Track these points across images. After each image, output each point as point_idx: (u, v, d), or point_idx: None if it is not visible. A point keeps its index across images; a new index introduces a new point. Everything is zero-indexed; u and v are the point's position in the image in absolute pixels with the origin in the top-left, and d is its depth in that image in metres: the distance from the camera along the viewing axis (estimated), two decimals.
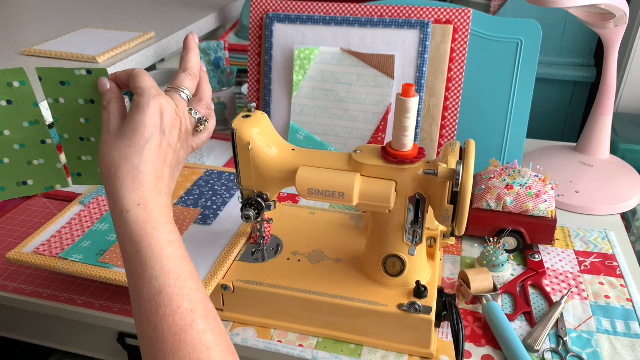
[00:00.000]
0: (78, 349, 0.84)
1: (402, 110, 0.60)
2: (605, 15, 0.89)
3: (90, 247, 0.75)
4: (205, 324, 0.46)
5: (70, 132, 0.60)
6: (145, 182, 0.49)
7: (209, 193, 0.88)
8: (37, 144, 0.60)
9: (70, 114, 0.59)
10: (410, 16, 0.97)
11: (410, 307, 0.64)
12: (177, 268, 0.47)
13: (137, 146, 0.50)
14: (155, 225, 0.48)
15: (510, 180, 0.82)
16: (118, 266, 0.72)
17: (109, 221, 0.81)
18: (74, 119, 0.59)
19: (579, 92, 1.61)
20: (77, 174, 0.62)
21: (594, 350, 0.67)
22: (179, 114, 0.54)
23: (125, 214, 0.48)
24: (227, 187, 0.90)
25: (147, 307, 0.46)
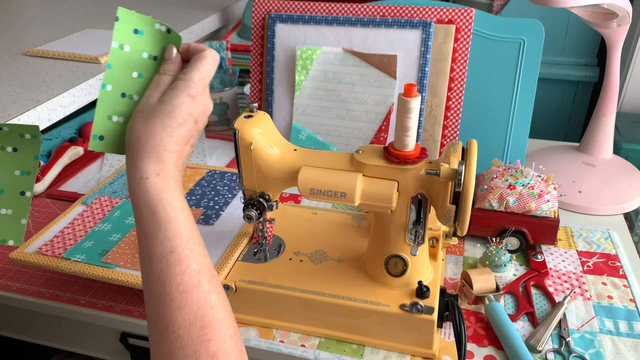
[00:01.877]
0: (80, 349, 0.84)
1: (404, 110, 0.60)
2: (608, 14, 0.89)
3: (92, 247, 0.76)
4: (210, 286, 0.49)
5: (115, 84, 0.56)
6: (169, 159, 0.52)
7: (211, 193, 0.89)
8: (16, 193, 0.59)
9: (127, 65, 0.56)
10: (413, 16, 0.97)
11: (413, 307, 0.64)
12: (188, 232, 0.50)
13: (169, 128, 0.52)
14: (171, 192, 0.51)
15: (513, 180, 0.82)
16: (120, 266, 0.72)
17: (111, 221, 0.82)
18: (128, 71, 0.56)
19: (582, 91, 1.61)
20: (99, 136, 0.56)
21: (597, 351, 0.67)
22: (210, 104, 0.56)
23: (144, 180, 0.51)
24: (229, 187, 0.90)
25: (157, 266, 0.49)
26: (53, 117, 0.98)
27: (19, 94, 1.00)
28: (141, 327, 0.74)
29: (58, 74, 1.09)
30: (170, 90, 0.54)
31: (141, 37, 0.56)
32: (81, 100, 1.04)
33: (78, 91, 1.03)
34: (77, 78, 1.07)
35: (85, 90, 1.05)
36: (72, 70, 1.11)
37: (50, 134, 1.14)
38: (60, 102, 0.99)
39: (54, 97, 0.98)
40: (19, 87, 1.03)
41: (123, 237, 0.78)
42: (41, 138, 0.59)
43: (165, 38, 0.57)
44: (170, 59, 0.57)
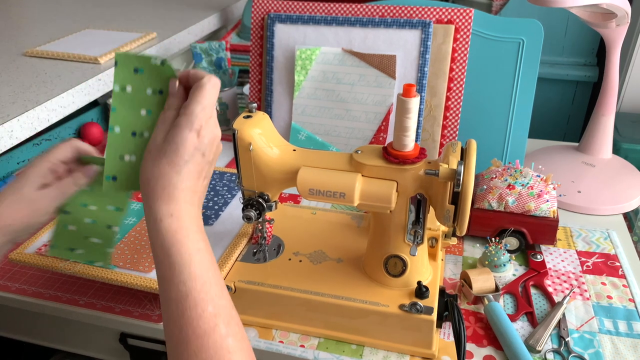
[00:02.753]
0: (80, 350, 0.84)
1: (403, 111, 0.60)
2: (607, 14, 0.89)
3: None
4: (227, 329, 0.49)
5: (123, 125, 0.57)
6: (181, 197, 0.52)
7: (211, 193, 0.89)
8: (104, 226, 0.61)
9: (133, 105, 0.57)
10: (412, 16, 0.97)
11: (412, 307, 0.64)
12: (203, 274, 0.50)
13: (176, 166, 0.51)
14: (186, 233, 0.51)
15: (512, 180, 0.82)
16: (120, 267, 0.72)
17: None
18: (135, 110, 0.57)
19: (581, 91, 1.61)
20: (112, 177, 0.58)
21: (596, 351, 0.67)
22: (217, 132, 0.55)
23: (158, 223, 0.50)
24: (228, 187, 0.90)
25: (174, 310, 0.48)
26: (52, 118, 0.98)
27: (18, 95, 0.99)
28: (140, 327, 0.74)
29: (57, 75, 1.09)
30: (173, 127, 0.52)
31: (142, 75, 0.56)
32: (80, 100, 1.04)
33: (77, 92, 1.03)
34: (77, 78, 1.07)
35: (84, 91, 1.05)
36: (71, 70, 1.11)
37: (50, 135, 1.14)
38: (60, 102, 0.99)
39: (53, 98, 0.98)
40: (18, 88, 1.03)
41: (122, 237, 0.78)
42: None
43: (163, 70, 0.56)
44: (173, 93, 0.56)
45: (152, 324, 0.73)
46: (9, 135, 0.90)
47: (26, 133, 0.93)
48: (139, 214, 0.84)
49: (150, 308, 0.75)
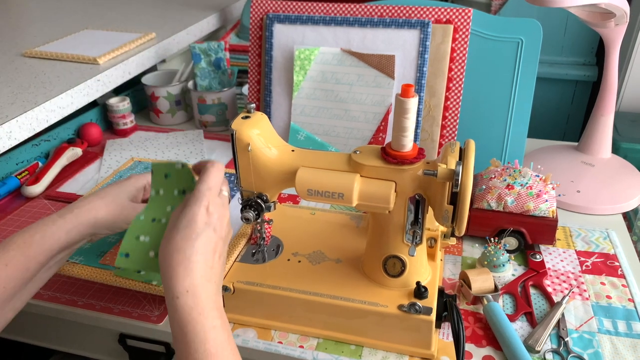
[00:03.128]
0: (79, 350, 0.84)
1: (402, 111, 0.59)
2: (606, 14, 0.89)
3: (90, 248, 0.75)
4: None
5: (149, 215, 0.66)
6: (196, 270, 0.54)
7: None
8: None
9: (162, 203, 0.66)
10: (411, 16, 0.97)
11: (411, 307, 0.64)
12: (219, 352, 0.52)
13: (189, 239, 0.55)
14: (201, 310, 0.53)
15: (511, 180, 0.82)
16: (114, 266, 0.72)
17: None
18: (163, 206, 0.66)
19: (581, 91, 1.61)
20: (125, 254, 0.64)
21: (596, 351, 0.67)
22: (225, 211, 0.60)
23: (175, 300, 0.53)
24: None
25: None
26: (51, 118, 0.98)
27: (17, 95, 0.99)
28: (139, 328, 0.73)
29: (56, 75, 1.09)
30: (184, 206, 0.58)
31: (171, 179, 0.66)
32: (79, 101, 1.04)
33: (76, 92, 1.03)
34: (76, 79, 1.07)
35: (83, 92, 1.05)
36: (70, 71, 1.11)
37: (49, 135, 1.14)
38: (59, 103, 0.99)
39: (52, 98, 0.98)
40: (17, 88, 1.03)
41: (120, 238, 0.78)
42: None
43: (184, 172, 0.65)
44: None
45: (151, 325, 0.73)
46: (7, 136, 0.90)
47: (25, 134, 0.93)
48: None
49: (149, 309, 0.75)
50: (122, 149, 1.15)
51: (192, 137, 1.20)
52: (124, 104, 1.22)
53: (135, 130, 1.26)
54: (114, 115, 1.23)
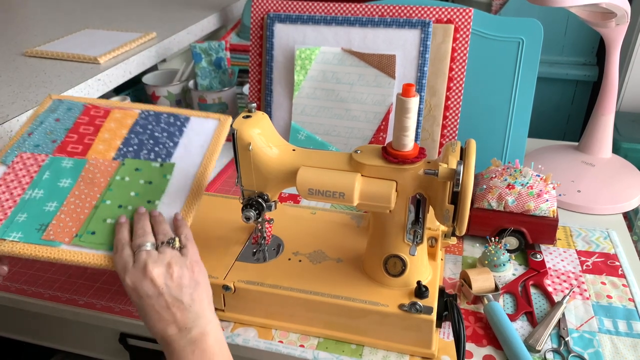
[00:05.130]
0: (80, 350, 0.85)
1: (402, 110, 0.60)
2: (606, 14, 0.89)
3: (27, 220, 0.67)
4: None
5: (113, 200, 0.68)
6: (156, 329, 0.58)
7: (150, 142, 0.76)
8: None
9: (126, 189, 0.69)
10: (411, 16, 0.97)
11: (411, 307, 0.64)
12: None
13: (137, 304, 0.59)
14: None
15: (512, 179, 0.82)
16: (66, 243, 0.65)
17: (42, 186, 0.71)
18: (126, 192, 0.69)
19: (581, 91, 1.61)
20: (91, 232, 0.66)
21: (596, 351, 0.67)
22: (171, 269, 0.59)
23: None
24: (168, 132, 0.78)
25: None
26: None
27: (17, 95, 1.00)
28: (140, 327, 0.74)
29: (57, 75, 1.09)
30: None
31: (141, 172, 0.70)
32: None
33: (77, 91, 1.03)
34: (76, 78, 1.07)
35: (84, 91, 1.05)
36: (70, 70, 1.11)
37: None
38: None
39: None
40: (17, 88, 1.03)
41: (61, 205, 0.69)
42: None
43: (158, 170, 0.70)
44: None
45: None
46: (8, 135, 0.90)
47: None
48: (73, 174, 0.72)
49: None
50: None
51: None
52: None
53: None
54: None
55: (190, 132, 0.78)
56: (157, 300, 0.57)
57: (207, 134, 0.79)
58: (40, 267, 0.82)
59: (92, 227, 0.66)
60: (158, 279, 0.57)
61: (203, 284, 0.60)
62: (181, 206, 0.69)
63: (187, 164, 0.74)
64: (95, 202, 0.69)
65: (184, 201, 0.70)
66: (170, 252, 0.60)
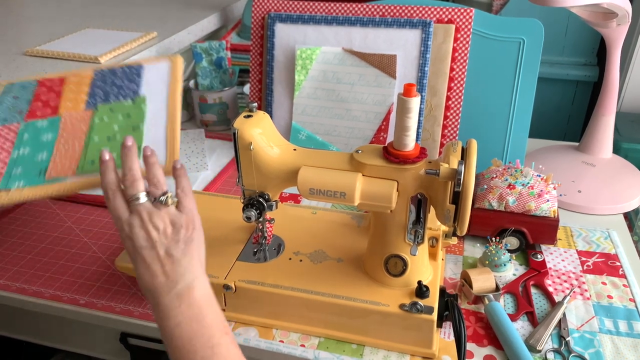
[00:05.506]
0: (80, 349, 0.85)
1: (404, 110, 0.60)
2: (607, 14, 0.89)
3: (24, 171, 0.69)
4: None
5: (100, 134, 0.71)
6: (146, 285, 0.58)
7: (114, 90, 0.77)
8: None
9: (108, 126, 0.72)
10: (412, 16, 0.97)
11: (412, 307, 0.64)
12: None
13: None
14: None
15: (513, 179, 0.82)
16: (70, 175, 0.68)
17: (27, 145, 0.71)
18: (109, 127, 0.72)
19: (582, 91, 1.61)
20: (91, 161, 0.68)
21: (597, 351, 0.67)
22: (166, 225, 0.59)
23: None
24: (128, 79, 0.78)
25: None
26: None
27: None
28: (141, 327, 0.74)
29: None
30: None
31: (116, 112, 0.73)
32: None
33: None
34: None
35: None
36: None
37: None
38: None
39: None
40: None
41: (51, 153, 0.70)
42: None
43: (132, 105, 0.72)
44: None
45: (152, 324, 0.73)
46: None
47: None
48: (52, 129, 0.73)
49: (150, 307, 0.75)
50: None
51: (194, 137, 1.20)
52: None
53: None
54: None
55: (147, 75, 0.80)
56: (149, 252, 0.57)
57: (164, 74, 0.81)
58: (41, 267, 0.82)
59: (90, 157, 0.68)
60: (153, 232, 0.57)
61: (197, 241, 0.60)
62: (165, 126, 0.72)
63: (156, 98, 0.77)
64: (84, 142, 0.70)
65: (166, 122, 0.72)
66: (165, 208, 0.59)
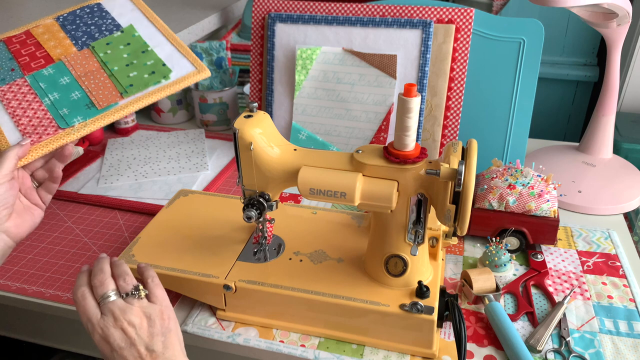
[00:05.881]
0: (80, 349, 0.85)
1: (404, 110, 0.60)
2: (608, 14, 0.89)
3: (72, 110, 0.72)
4: None
5: (118, 63, 0.76)
6: None
7: (92, 28, 0.81)
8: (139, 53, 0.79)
9: (117, 55, 0.78)
10: (412, 16, 0.97)
11: (412, 307, 0.64)
12: None
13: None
14: None
15: (513, 180, 0.82)
16: (119, 100, 0.72)
17: (50, 91, 0.73)
18: (119, 56, 0.77)
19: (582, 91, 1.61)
20: (129, 85, 0.73)
21: (597, 351, 0.67)
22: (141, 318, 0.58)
23: None
24: (96, 16, 0.82)
25: None
26: None
27: None
28: None
29: None
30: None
31: (112, 44, 0.79)
32: None
33: None
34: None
35: None
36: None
37: None
38: None
39: None
40: None
41: (82, 90, 0.74)
42: None
43: (123, 35, 0.79)
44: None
45: None
46: None
47: None
48: (63, 73, 0.76)
49: None
50: (123, 148, 1.15)
51: (194, 136, 1.20)
52: None
53: (137, 130, 1.26)
54: None
55: (112, 9, 0.84)
56: (129, 351, 0.55)
57: (127, 3, 0.86)
58: (41, 267, 0.82)
59: (125, 83, 0.74)
60: (129, 329, 0.56)
61: (174, 330, 0.59)
62: (168, 42, 0.79)
63: (140, 24, 0.82)
64: (106, 74, 0.75)
65: (166, 39, 0.79)
66: (137, 302, 0.58)
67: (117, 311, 0.57)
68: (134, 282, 0.60)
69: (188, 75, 0.75)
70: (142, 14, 0.82)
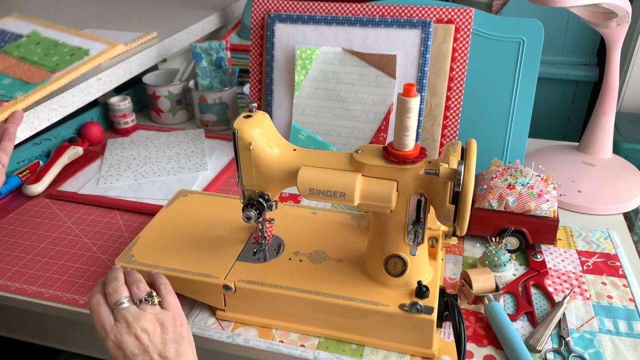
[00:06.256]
0: (80, 349, 0.85)
1: (403, 110, 0.60)
2: (607, 14, 0.89)
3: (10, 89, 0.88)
4: None
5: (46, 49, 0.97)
6: None
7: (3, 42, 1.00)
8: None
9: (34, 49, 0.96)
10: (412, 16, 0.97)
11: (412, 307, 0.64)
12: None
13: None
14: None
15: (512, 179, 0.82)
16: (52, 76, 0.89)
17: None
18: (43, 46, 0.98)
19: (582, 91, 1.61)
20: (55, 64, 0.90)
21: (597, 351, 0.67)
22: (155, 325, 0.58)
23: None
24: (4, 38, 1.02)
25: None
26: (52, 117, 0.98)
27: None
28: None
29: None
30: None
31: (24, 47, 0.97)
32: (80, 100, 1.04)
33: (77, 91, 1.03)
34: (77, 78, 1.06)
35: (84, 91, 1.05)
36: None
37: (50, 134, 1.14)
38: (60, 102, 0.99)
39: (54, 97, 0.98)
40: None
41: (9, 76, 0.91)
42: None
43: (29, 39, 0.97)
44: None
45: None
46: None
47: (26, 133, 0.93)
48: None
49: None
50: (123, 148, 1.15)
51: (194, 137, 1.20)
52: (125, 103, 1.22)
53: (136, 130, 1.26)
54: (115, 114, 1.23)
55: (5, 27, 1.02)
56: (142, 358, 0.55)
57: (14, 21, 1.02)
58: (41, 267, 0.82)
59: (51, 65, 0.89)
60: (142, 336, 0.56)
61: (187, 337, 0.59)
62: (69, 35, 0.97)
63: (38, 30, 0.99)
64: (28, 63, 0.90)
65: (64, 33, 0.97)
66: (150, 309, 0.59)
67: (130, 317, 0.57)
68: (147, 289, 0.61)
69: (105, 51, 0.94)
70: (39, 25, 0.95)
